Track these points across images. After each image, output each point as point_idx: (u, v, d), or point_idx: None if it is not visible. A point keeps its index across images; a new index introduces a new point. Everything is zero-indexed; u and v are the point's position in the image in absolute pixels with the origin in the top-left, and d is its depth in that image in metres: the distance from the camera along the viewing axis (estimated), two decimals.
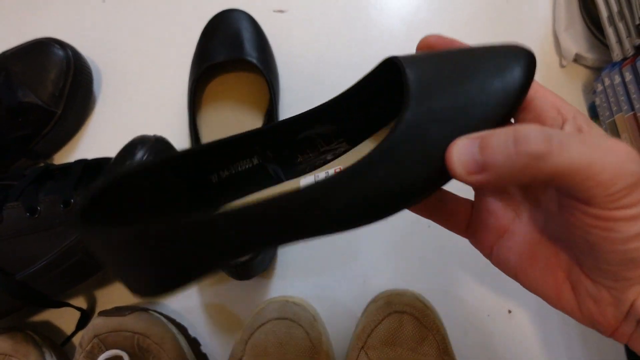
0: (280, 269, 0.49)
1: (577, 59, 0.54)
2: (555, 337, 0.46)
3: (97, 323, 0.43)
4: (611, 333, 0.23)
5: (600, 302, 0.22)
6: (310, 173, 0.29)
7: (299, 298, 0.46)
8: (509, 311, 0.47)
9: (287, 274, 0.49)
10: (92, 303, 0.48)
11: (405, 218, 0.50)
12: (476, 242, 0.28)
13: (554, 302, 0.24)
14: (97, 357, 0.41)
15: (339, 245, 0.50)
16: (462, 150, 0.20)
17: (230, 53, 0.51)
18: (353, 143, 0.30)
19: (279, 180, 0.30)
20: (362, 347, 0.40)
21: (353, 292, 0.48)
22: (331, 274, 0.49)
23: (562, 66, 0.55)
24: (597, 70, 0.53)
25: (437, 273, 0.48)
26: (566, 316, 0.24)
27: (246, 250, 0.23)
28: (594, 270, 0.22)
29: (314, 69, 0.55)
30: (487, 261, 0.27)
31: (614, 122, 0.47)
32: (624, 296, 0.21)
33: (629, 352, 0.45)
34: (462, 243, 0.29)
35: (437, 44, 0.25)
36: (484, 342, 0.46)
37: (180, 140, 0.50)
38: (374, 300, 0.44)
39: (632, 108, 0.44)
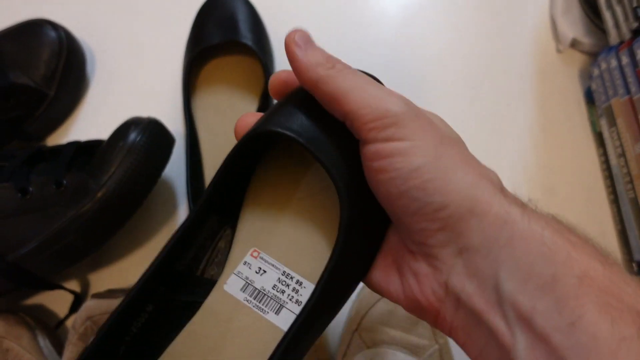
0: None
1: (574, 44, 0.54)
2: None
3: (90, 305, 0.42)
4: (434, 318, 0.22)
5: (420, 276, 0.22)
6: (226, 273, 0.26)
7: None
8: None
9: None
10: (85, 285, 0.47)
11: None
12: None
13: (383, 289, 0.24)
14: (90, 339, 0.41)
15: None
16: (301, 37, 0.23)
17: (224, 35, 0.50)
18: (228, 217, 0.27)
19: (193, 305, 0.26)
20: (356, 330, 0.40)
21: None
22: None
23: (558, 51, 0.55)
24: (593, 56, 0.53)
25: None
26: None
27: None
28: (407, 237, 0.22)
29: None
30: None
31: (610, 107, 0.47)
32: (440, 264, 0.21)
33: None
34: None
35: (289, 79, 0.25)
36: None
37: (174, 123, 0.50)
38: None
39: (628, 92, 0.44)
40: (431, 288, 0.22)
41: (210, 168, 0.49)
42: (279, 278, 0.25)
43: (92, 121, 0.53)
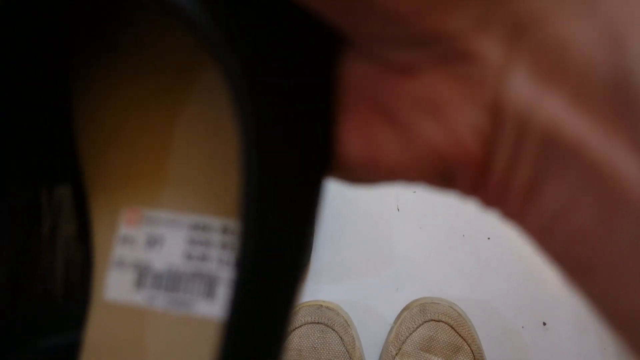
0: (313, 273, 0.49)
1: None
2: (592, 352, 0.45)
3: None
4: (473, 177, 0.12)
5: (437, 105, 0.11)
6: (98, 274, 0.15)
7: (332, 303, 0.46)
8: (544, 323, 0.46)
9: (320, 278, 0.49)
10: None
11: (440, 227, 0.50)
12: None
13: (368, 162, 0.13)
14: None
15: (372, 251, 0.50)
16: None
17: None
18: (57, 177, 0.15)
19: (68, 351, 0.15)
20: (396, 354, 0.41)
21: (386, 298, 0.48)
22: (364, 280, 0.49)
23: None
24: None
25: (472, 282, 0.48)
26: (603, 331, 0.18)
27: None
28: (390, 42, 0.11)
29: None
30: (524, 271, 0.27)
31: None
32: (476, 67, 0.10)
33: None
34: (497, 253, 0.28)
35: None
36: (517, 355, 0.46)
37: None
38: (407, 308, 0.44)
39: None
40: (465, 120, 0.11)
41: None
42: (189, 238, 0.15)
43: None
